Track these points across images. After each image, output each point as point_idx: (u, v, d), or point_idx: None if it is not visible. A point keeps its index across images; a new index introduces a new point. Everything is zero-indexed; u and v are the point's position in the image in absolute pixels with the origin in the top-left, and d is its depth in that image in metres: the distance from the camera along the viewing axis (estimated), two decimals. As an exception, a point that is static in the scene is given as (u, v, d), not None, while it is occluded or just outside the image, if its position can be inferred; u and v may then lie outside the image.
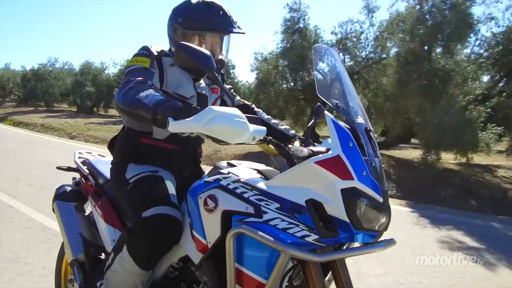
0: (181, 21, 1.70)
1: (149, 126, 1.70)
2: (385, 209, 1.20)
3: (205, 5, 1.68)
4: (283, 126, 1.84)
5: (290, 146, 1.26)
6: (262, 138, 1.24)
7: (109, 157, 2.21)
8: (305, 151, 1.22)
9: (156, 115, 1.31)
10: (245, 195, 1.25)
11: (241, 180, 1.30)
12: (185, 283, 1.51)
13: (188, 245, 1.42)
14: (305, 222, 1.16)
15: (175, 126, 1.19)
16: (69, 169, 2.24)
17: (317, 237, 1.14)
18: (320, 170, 1.16)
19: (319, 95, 1.29)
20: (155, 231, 1.43)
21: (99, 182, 1.99)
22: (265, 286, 1.17)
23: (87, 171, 2.06)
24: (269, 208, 1.20)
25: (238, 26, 1.71)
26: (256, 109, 1.94)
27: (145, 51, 1.69)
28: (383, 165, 1.27)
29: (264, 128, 1.25)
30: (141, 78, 1.51)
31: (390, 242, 1.22)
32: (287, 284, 1.28)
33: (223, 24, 1.68)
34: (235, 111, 1.18)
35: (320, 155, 1.19)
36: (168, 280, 1.57)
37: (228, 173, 1.35)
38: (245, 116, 1.20)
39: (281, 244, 1.13)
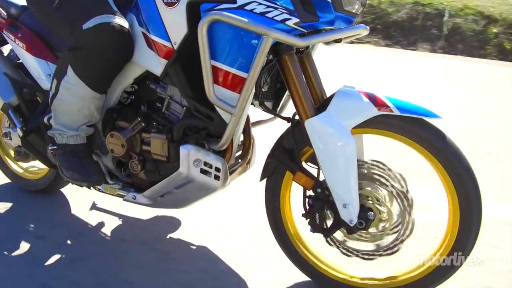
0: None
1: None
2: None
3: None
4: None
5: None
6: None
7: None
8: None
9: None
10: None
11: None
12: (145, 106, 1.39)
13: (145, 57, 1.26)
14: (283, 5, 1.05)
15: None
16: None
17: (297, 20, 1.05)
18: None
19: None
20: (101, 42, 1.22)
21: (12, 13, 1.64)
22: (246, 80, 1.10)
23: None
24: None
25: None
26: None
27: None
28: None
29: None
30: None
31: (366, 27, 1.18)
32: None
33: None
34: None
35: None
36: (125, 106, 1.44)
37: None
38: None
39: (264, 27, 1.02)
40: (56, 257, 1.46)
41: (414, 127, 1.11)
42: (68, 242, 1.55)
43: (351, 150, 1.11)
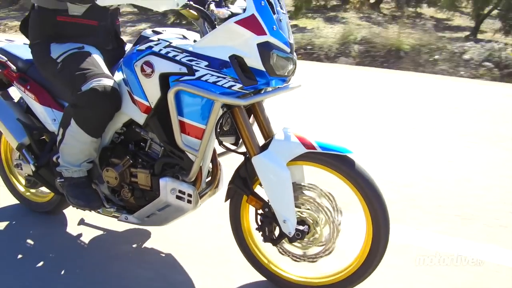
0: None
1: (63, 3, 1.70)
2: (292, 58, 1.47)
3: None
4: None
5: (213, 9, 1.42)
6: (184, 3, 1.39)
7: (19, 40, 2.17)
8: (226, 13, 1.40)
9: None
10: (177, 58, 1.44)
11: (172, 44, 1.47)
12: (132, 144, 1.75)
13: (130, 110, 1.62)
14: (230, 75, 1.41)
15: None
16: None
17: (240, 85, 1.41)
18: (239, 29, 1.37)
19: None
20: (96, 101, 1.58)
21: (20, 66, 1.98)
22: (205, 131, 1.46)
23: (4, 58, 2.02)
24: (199, 67, 1.42)
25: None
26: None
27: None
28: (289, 22, 1.50)
29: None
30: None
31: (298, 85, 1.55)
32: (219, 130, 1.58)
33: None
34: None
35: (238, 15, 1.38)
36: (116, 144, 1.79)
37: (158, 40, 1.50)
38: None
39: (214, 94, 1.39)
40: (46, 264, 1.81)
41: (333, 160, 1.47)
42: (57, 253, 1.90)
43: (286, 178, 1.47)
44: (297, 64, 1.53)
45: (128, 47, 1.94)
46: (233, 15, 1.41)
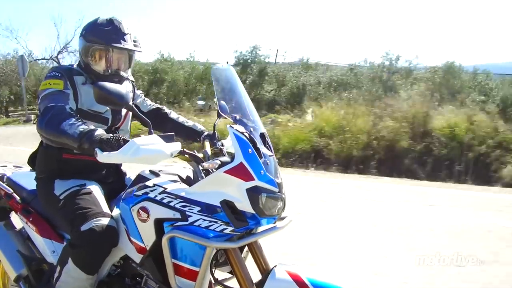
0: (84, 34, 1.87)
1: None
2: (281, 197, 1.54)
3: (106, 21, 1.85)
4: (191, 122, 2.12)
5: (203, 164, 1.54)
6: (179, 151, 1.51)
7: (26, 168, 2.29)
8: (216, 163, 1.52)
9: (82, 144, 1.51)
10: (171, 204, 1.53)
11: (166, 190, 1.56)
12: (129, 278, 1.77)
13: (127, 247, 1.67)
14: (221, 219, 1.48)
15: (104, 158, 1.41)
16: None
17: (232, 228, 1.47)
18: (228, 177, 1.47)
19: (220, 113, 1.58)
20: (95, 241, 1.64)
21: (24, 197, 2.08)
22: (198, 273, 1.50)
23: (10, 190, 2.12)
24: (192, 212, 1.50)
25: (135, 45, 1.89)
26: (166, 110, 2.19)
27: (57, 73, 1.82)
28: (276, 161, 1.62)
29: (179, 143, 1.52)
30: (60, 104, 1.66)
31: (289, 221, 1.61)
32: (214, 261, 1.61)
33: (117, 40, 1.84)
34: (153, 139, 1.42)
35: (227, 165, 1.49)
36: (113, 277, 1.81)
37: (154, 185, 1.60)
38: (161, 135, 1.45)
39: (206, 240, 1.45)
40: None
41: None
42: None
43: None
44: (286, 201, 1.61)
45: (130, 174, 2.05)
46: (222, 164, 1.52)
